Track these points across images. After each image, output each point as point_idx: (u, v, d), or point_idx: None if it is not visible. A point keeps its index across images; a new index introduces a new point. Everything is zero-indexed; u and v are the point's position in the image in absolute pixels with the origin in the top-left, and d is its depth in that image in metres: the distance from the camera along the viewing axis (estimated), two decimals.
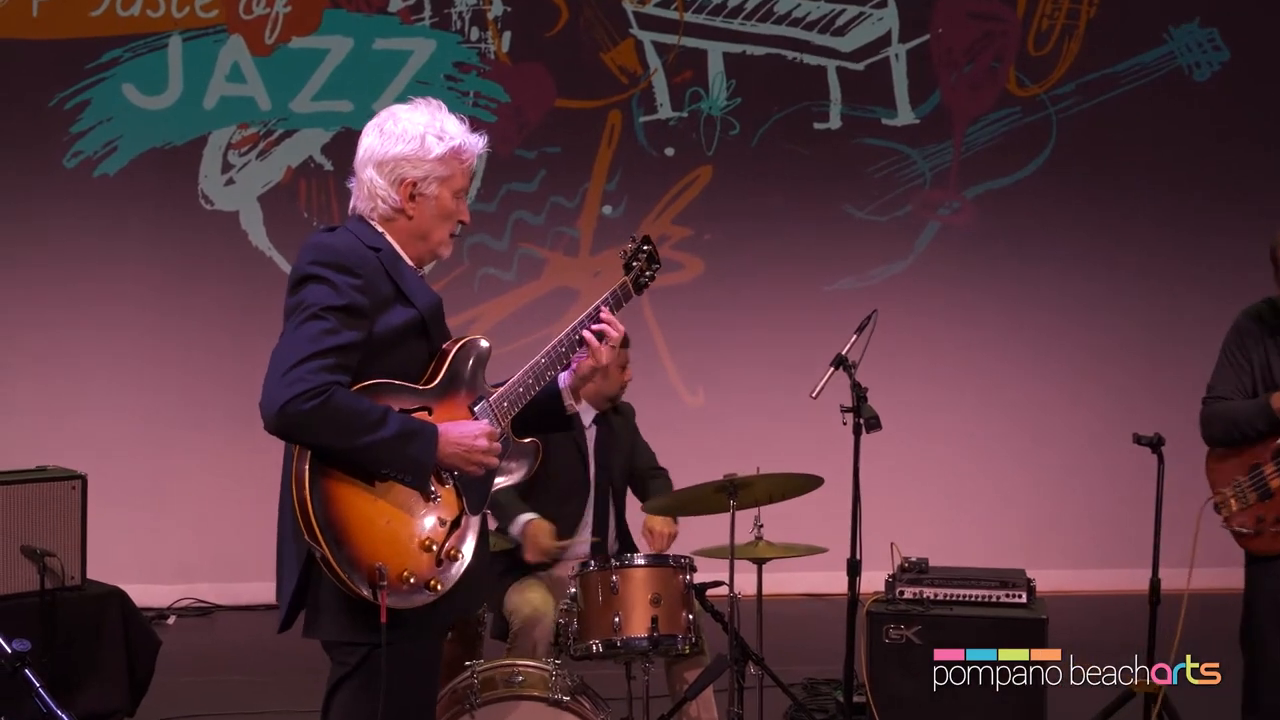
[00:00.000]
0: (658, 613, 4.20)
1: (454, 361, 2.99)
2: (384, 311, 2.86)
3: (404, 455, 2.80)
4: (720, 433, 7.69)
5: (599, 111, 7.87)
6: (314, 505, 2.72)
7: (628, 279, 3.34)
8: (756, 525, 4.72)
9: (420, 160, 2.95)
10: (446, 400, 2.96)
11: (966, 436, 7.93)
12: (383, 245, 2.94)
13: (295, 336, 2.76)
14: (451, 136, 2.98)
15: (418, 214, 2.97)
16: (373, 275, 2.86)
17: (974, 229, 8.02)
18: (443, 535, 2.89)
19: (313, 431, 2.72)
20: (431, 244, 3.02)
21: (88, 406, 7.51)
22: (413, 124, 2.97)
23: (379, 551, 2.77)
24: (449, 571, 2.89)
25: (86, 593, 4.93)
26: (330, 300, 2.78)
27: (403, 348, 2.91)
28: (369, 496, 2.80)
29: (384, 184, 2.96)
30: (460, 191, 3.02)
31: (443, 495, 2.90)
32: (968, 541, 7.36)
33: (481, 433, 2.92)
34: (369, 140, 3.00)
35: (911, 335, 7.75)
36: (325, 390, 2.70)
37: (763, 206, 7.94)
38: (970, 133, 8.01)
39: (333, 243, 2.88)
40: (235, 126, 7.70)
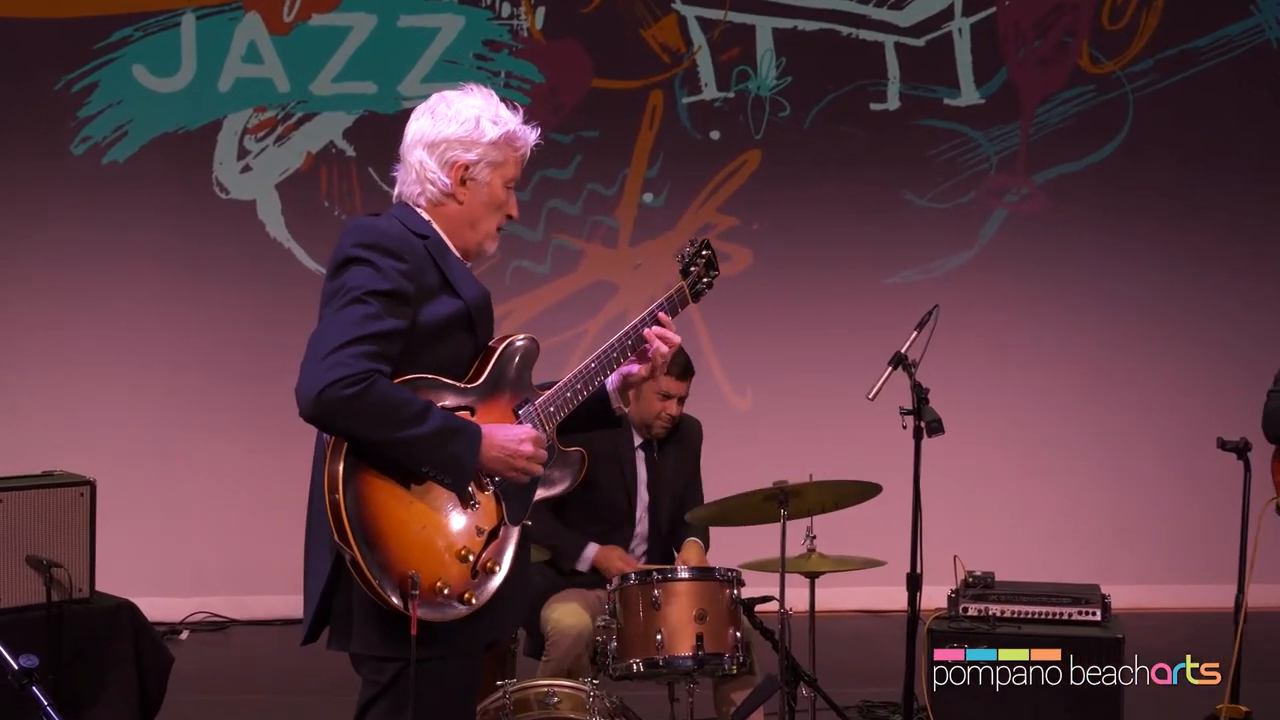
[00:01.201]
0: (703, 630, 4.21)
1: (500, 360, 3.02)
2: (429, 301, 2.89)
3: (445, 453, 2.82)
4: (770, 437, 7.68)
5: (639, 92, 7.87)
6: (347, 504, 2.74)
7: (684, 284, 3.36)
8: (809, 536, 4.72)
9: (474, 143, 3.00)
10: (490, 401, 2.98)
11: (1035, 441, 7.88)
12: (430, 232, 2.98)
13: (336, 320, 2.78)
14: (505, 122, 3.03)
15: (468, 199, 3.02)
16: (419, 262, 2.89)
17: (1044, 217, 7.97)
18: (479, 545, 2.90)
19: (351, 420, 2.73)
20: (480, 234, 3.05)
21: (96, 408, 7.58)
22: (467, 107, 3.02)
23: (412, 558, 2.79)
24: (485, 585, 2.89)
25: (95, 606, 4.97)
26: (374, 284, 2.80)
27: (446, 341, 2.93)
28: (405, 499, 2.82)
29: (434, 166, 3.00)
30: (511, 181, 3.06)
31: (482, 502, 2.92)
32: (1036, 554, 7.32)
33: (527, 438, 2.94)
34: (419, 123, 3.04)
35: (976, 332, 7.71)
36: (367, 377, 2.72)
37: (815, 194, 7.91)
38: (1040, 113, 7.96)
39: (378, 225, 2.91)
40: (252, 110, 7.74)
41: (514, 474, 2.93)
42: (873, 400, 4.54)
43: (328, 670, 3.28)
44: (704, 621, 4.22)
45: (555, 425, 3.09)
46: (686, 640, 4.19)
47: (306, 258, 7.74)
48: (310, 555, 2.95)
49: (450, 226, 3.02)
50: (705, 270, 3.40)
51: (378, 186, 7.66)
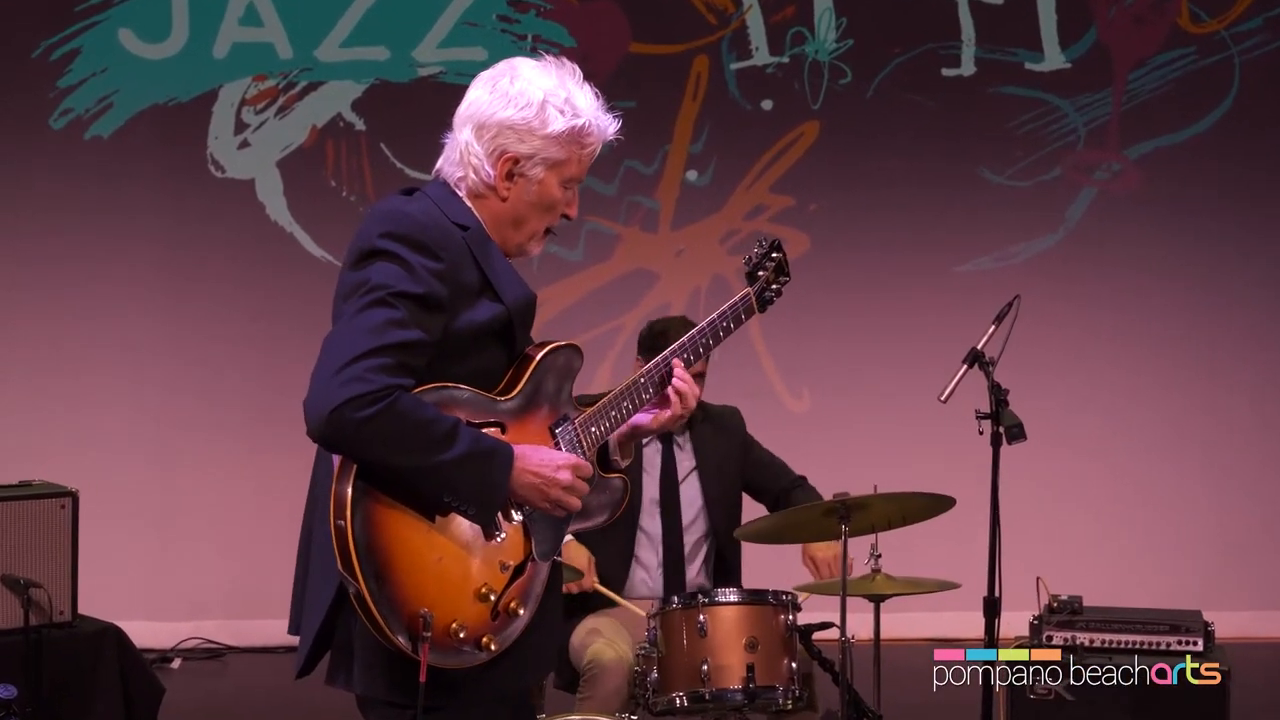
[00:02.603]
0: (754, 659, 4.21)
1: (538, 370, 2.92)
2: (466, 306, 2.81)
3: (473, 482, 2.74)
4: (829, 443, 7.66)
5: (682, 58, 7.87)
6: (355, 532, 2.66)
7: (751, 291, 3.27)
8: (874, 555, 4.70)
9: (531, 133, 2.88)
10: (524, 418, 2.90)
11: (1130, 449, 7.84)
12: (471, 223, 2.89)
13: (354, 324, 2.70)
14: (578, 113, 2.90)
15: (512, 197, 2.91)
16: (457, 259, 2.80)
17: (1138, 196, 7.92)
18: (502, 583, 2.81)
19: (367, 444, 2.65)
20: (523, 235, 2.96)
21: (79, 409, 7.63)
22: (534, 86, 2.88)
23: (426, 595, 2.71)
24: (507, 629, 2.81)
25: (78, 630, 5.01)
26: (402, 285, 2.71)
27: (480, 351, 2.85)
28: (422, 527, 2.74)
29: (480, 152, 2.89)
30: (571, 181, 2.94)
31: (508, 535, 2.83)
32: (1130, 576, 7.28)
33: (565, 464, 2.85)
34: (476, 94, 2.92)
35: (1062, 325, 7.68)
36: (387, 394, 2.64)
37: (879, 171, 7.89)
38: (1134, 79, 7.91)
39: (412, 213, 2.81)
40: (250, 79, 7.78)
41: (546, 505, 2.85)
42: (945, 402, 4.52)
43: (332, 704, 3.28)
44: (755, 650, 4.22)
45: (597, 448, 3.00)
46: (736, 671, 4.20)
47: (311, 242, 7.77)
48: (308, 575, 2.89)
49: (491, 221, 2.91)
50: (775, 275, 3.33)
51: (390, 164, 7.68)
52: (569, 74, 2.93)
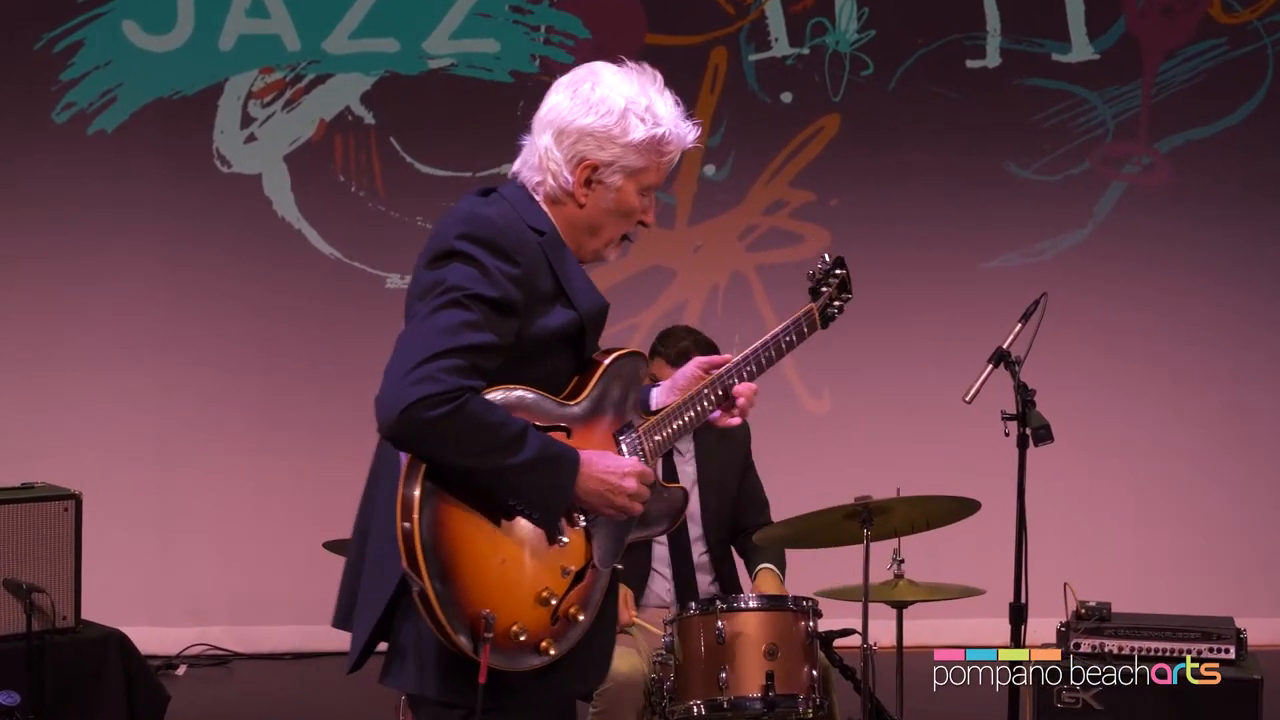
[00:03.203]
0: (774, 667, 4.21)
1: (604, 377, 3.00)
2: (539, 312, 2.88)
3: (539, 486, 2.81)
4: (850, 445, 7.66)
5: (699, 49, 7.87)
6: (422, 531, 2.73)
7: (814, 306, 3.40)
8: (896, 560, 4.71)
9: (611, 141, 2.95)
10: (590, 424, 2.98)
11: (1159, 452, 7.82)
12: (547, 228, 2.95)
13: (429, 324, 2.76)
14: (658, 122, 2.97)
15: (590, 204, 2.98)
16: (533, 265, 2.87)
17: (1169, 190, 7.90)
18: (564, 588, 2.88)
19: (436, 444, 2.73)
20: (600, 242, 3.03)
21: (81, 409, 7.64)
22: (616, 93, 2.95)
23: (489, 597, 2.78)
24: (566, 634, 2.88)
25: (81, 636, 5.03)
26: (478, 288, 2.78)
27: (550, 357, 2.93)
28: (487, 530, 2.81)
29: (559, 158, 2.95)
30: (649, 189, 3.02)
31: (570, 539, 2.90)
32: (1160, 583, 7.27)
33: (631, 471, 2.92)
34: (557, 98, 2.99)
35: (1090, 324, 7.67)
36: (458, 395, 2.71)
37: (902, 165, 7.88)
38: (1164, 71, 7.89)
39: (490, 216, 2.87)
40: (257, 71, 7.79)
41: (610, 511, 2.92)
42: (970, 403, 4.53)
43: (341, 711, 3.29)
44: (775, 658, 4.22)
45: (660, 456, 3.09)
46: (755, 679, 4.20)
47: (319, 239, 7.78)
48: (364, 572, 2.96)
49: (567, 227, 2.99)
50: (838, 292, 3.45)
51: (400, 159, 7.69)
52: (650, 81, 3.00)
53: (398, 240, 7.75)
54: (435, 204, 7.71)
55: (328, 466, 7.44)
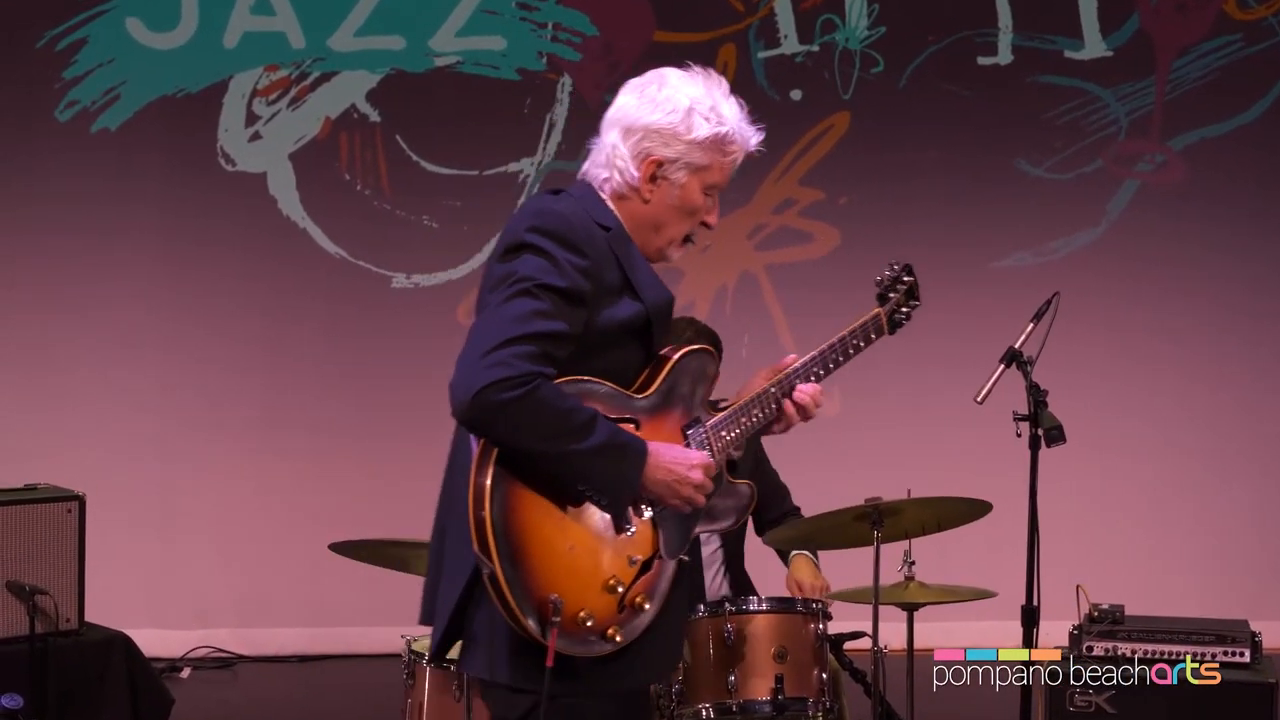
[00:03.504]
0: (783, 670, 4.20)
1: (674, 371, 3.11)
2: (606, 303, 2.99)
3: (607, 472, 2.92)
4: (861, 446, 7.65)
5: (708, 46, 7.86)
6: (493, 514, 2.85)
7: (881, 311, 3.54)
8: (907, 562, 4.70)
9: (676, 138, 3.07)
10: (658, 417, 3.08)
11: (1173, 453, 7.81)
12: (613, 224, 3.07)
13: (501, 313, 2.88)
14: (722, 121, 3.09)
15: (655, 200, 3.10)
16: (600, 258, 2.99)
17: (1182, 189, 7.89)
18: (630, 576, 2.99)
19: (508, 427, 2.84)
20: (663, 239, 3.14)
21: (85, 410, 7.64)
22: (681, 94, 3.08)
23: (557, 582, 2.89)
24: (632, 622, 2.98)
25: (85, 639, 5.03)
26: (548, 278, 2.90)
27: (618, 348, 3.04)
28: (556, 516, 2.93)
29: (626, 154, 3.08)
30: (713, 188, 3.15)
31: (637, 529, 3.01)
32: (1174, 585, 7.26)
33: (698, 463, 3.03)
34: (625, 99, 3.12)
35: (1103, 324, 7.65)
36: (529, 380, 2.82)
37: (913, 163, 7.87)
38: (1178, 67, 7.88)
39: (560, 210, 3.00)
40: (262, 69, 7.79)
41: (676, 502, 3.02)
42: (981, 404, 4.51)
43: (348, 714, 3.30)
44: (784, 661, 4.22)
45: (726, 452, 3.17)
46: (764, 682, 4.19)
47: (324, 238, 7.79)
48: (443, 566, 3.05)
49: (632, 223, 3.10)
50: (905, 299, 3.59)
51: (406, 157, 7.69)
52: (716, 84, 3.13)
53: (403, 239, 7.76)
54: (441, 203, 7.73)
55: (333, 467, 7.45)
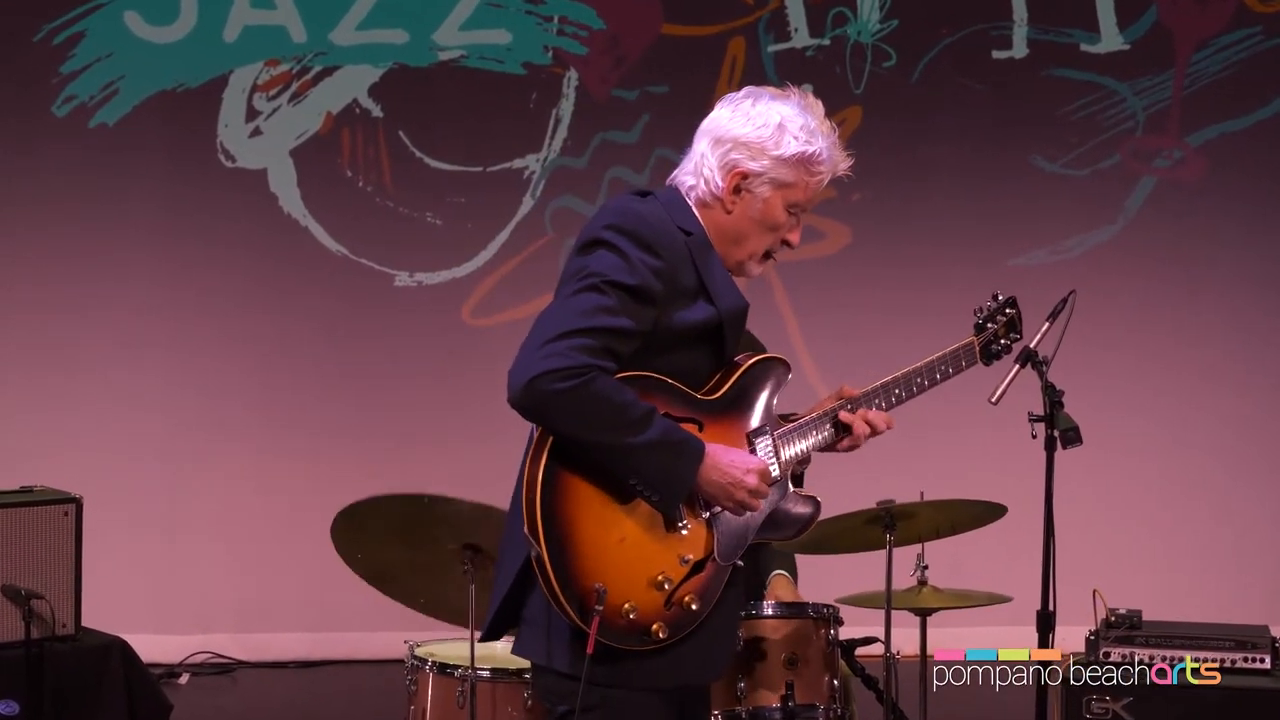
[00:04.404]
0: (793, 676, 4.20)
1: (744, 377, 3.20)
2: (680, 305, 3.07)
3: (660, 468, 2.99)
4: (872, 447, 7.50)
5: (717, 39, 7.86)
6: (543, 498, 2.95)
7: (976, 340, 3.64)
8: (920, 566, 4.71)
9: (764, 152, 3.15)
10: (723, 420, 3.16)
11: (1191, 455, 7.80)
12: (695, 229, 3.15)
13: (566, 305, 2.98)
14: (812, 141, 3.17)
15: (737, 211, 3.17)
16: (676, 260, 3.06)
17: (1201, 185, 7.89)
18: (680, 575, 3.06)
19: (561, 416, 2.93)
20: (743, 252, 3.21)
21: (82, 410, 7.65)
22: (774, 110, 3.17)
23: (603, 571, 2.98)
24: (678, 620, 3.05)
25: (82, 644, 5.03)
26: (617, 275, 2.99)
27: (688, 350, 3.12)
28: (607, 507, 3.02)
29: (713, 164, 3.16)
30: (796, 206, 3.21)
31: (691, 529, 3.08)
32: (1192, 590, 7.25)
33: (754, 469, 3.09)
34: (720, 111, 3.21)
35: (1120, 323, 7.66)
36: (585, 372, 2.91)
37: (926, 159, 7.87)
38: (1196, 61, 7.87)
39: (639, 210, 3.09)
40: (262, 64, 7.80)
41: (730, 505, 3.09)
42: (996, 404, 4.50)
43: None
44: (794, 667, 4.22)
45: (792, 463, 3.25)
46: (774, 689, 4.19)
47: (325, 235, 7.79)
48: (505, 546, 3.15)
49: (715, 233, 3.17)
50: (1006, 331, 3.70)
51: (409, 152, 7.70)
52: (811, 105, 3.22)
53: (406, 236, 7.76)
54: (445, 199, 7.73)
55: (335, 468, 7.45)
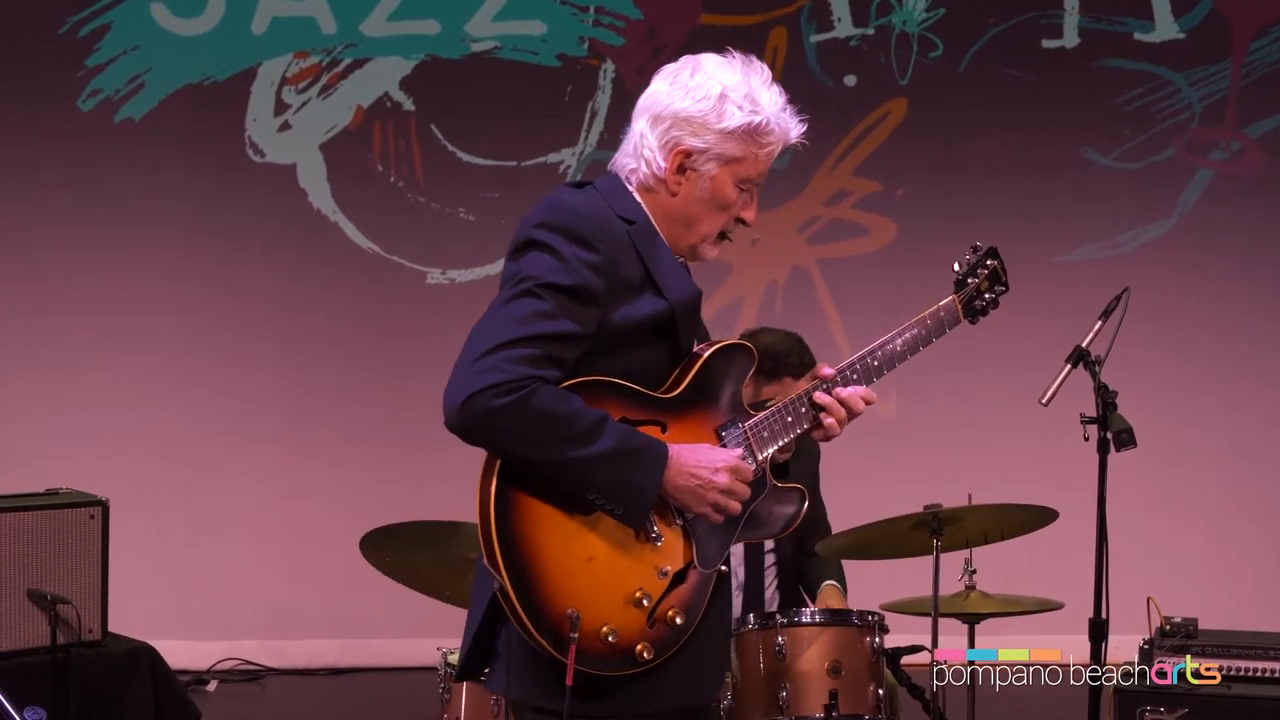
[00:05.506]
0: (837, 685, 4.20)
1: (705, 368, 3.02)
2: (625, 300, 2.92)
3: (618, 479, 2.83)
4: (918, 450, 7.63)
5: (757, 29, 7.85)
6: (498, 525, 2.79)
7: (955, 298, 3.45)
8: (968, 571, 4.69)
9: (706, 127, 2.99)
10: (688, 417, 3.00)
11: (1249, 459, 7.76)
12: (638, 217, 3.01)
13: (499, 315, 2.83)
14: (758, 110, 3.01)
15: (683, 193, 3.02)
16: (616, 252, 2.91)
17: (1259, 178, 7.85)
18: (660, 590, 2.91)
19: (503, 435, 2.78)
20: (695, 236, 3.06)
21: (109, 411, 7.69)
22: (714, 80, 3.00)
23: (574, 595, 2.82)
24: (664, 639, 2.90)
25: (108, 650, 5.05)
26: (553, 276, 2.83)
27: (640, 347, 2.96)
28: (570, 526, 2.85)
29: (653, 144, 3.01)
30: (747, 182, 3.07)
31: (666, 538, 2.94)
32: (1250, 597, 7.23)
33: (724, 465, 2.94)
34: (656, 85, 3.06)
35: (1175, 322, 7.63)
36: (524, 385, 2.76)
37: (973, 152, 7.85)
38: (1255, 50, 7.83)
39: (571, 204, 2.94)
40: (291, 56, 7.83)
41: (705, 509, 2.94)
42: (1046, 406, 4.49)
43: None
44: (839, 675, 4.21)
45: (769, 455, 3.08)
46: (817, 698, 4.18)
47: (356, 232, 7.81)
48: (478, 576, 3.00)
49: (661, 218, 3.03)
50: (990, 283, 3.52)
51: (441, 146, 7.71)
52: (755, 72, 3.04)
53: (438, 233, 7.78)
54: (478, 194, 7.74)
55: (365, 472, 7.47)
